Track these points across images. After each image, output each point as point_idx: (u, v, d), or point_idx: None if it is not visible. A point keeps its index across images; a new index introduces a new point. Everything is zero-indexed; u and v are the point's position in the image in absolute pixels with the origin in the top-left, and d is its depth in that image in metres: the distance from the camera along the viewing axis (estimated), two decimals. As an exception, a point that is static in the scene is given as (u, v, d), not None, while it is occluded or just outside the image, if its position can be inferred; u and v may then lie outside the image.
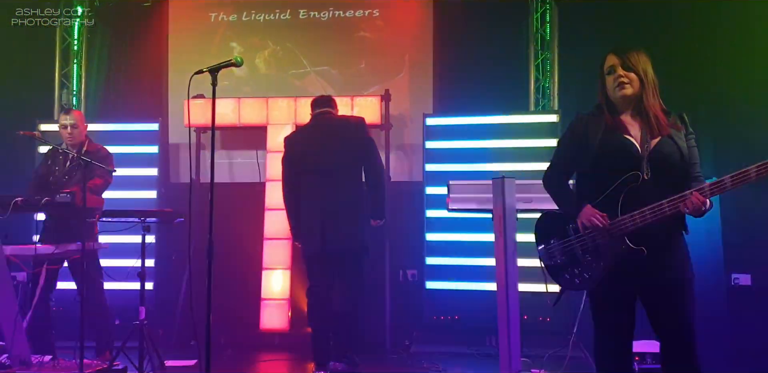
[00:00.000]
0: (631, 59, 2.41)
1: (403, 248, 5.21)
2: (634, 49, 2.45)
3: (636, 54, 2.43)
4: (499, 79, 5.49)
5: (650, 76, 2.44)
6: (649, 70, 2.43)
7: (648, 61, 2.44)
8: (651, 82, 2.43)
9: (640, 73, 2.41)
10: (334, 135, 4.04)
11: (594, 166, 2.45)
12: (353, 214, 3.96)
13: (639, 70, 2.42)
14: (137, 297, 3.95)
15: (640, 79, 2.41)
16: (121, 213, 4.09)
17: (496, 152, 5.04)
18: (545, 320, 4.76)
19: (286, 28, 5.80)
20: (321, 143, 4.02)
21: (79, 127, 4.39)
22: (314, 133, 4.10)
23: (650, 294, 2.41)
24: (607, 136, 2.43)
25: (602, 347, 2.49)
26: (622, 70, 2.42)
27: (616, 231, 2.36)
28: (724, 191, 2.24)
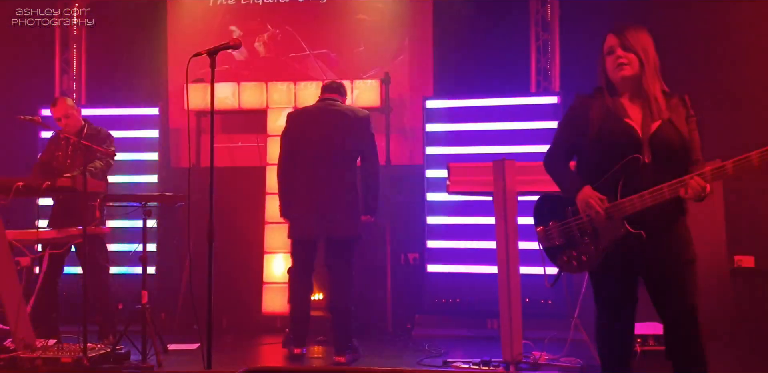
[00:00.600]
0: (630, 38, 2.37)
1: (404, 232, 5.21)
2: (633, 27, 2.40)
3: (635, 32, 2.39)
4: (499, 61, 5.45)
5: (651, 55, 2.39)
6: (649, 49, 2.39)
7: (648, 40, 2.40)
8: (651, 62, 2.39)
9: (639, 54, 2.37)
10: (340, 121, 4.02)
11: (594, 149, 2.43)
12: (349, 201, 3.96)
13: (638, 50, 2.37)
14: (139, 281, 3.97)
15: (639, 60, 2.37)
16: (122, 197, 4.11)
17: (497, 135, 5.01)
18: (546, 303, 4.77)
19: (285, 12, 5.74)
20: (325, 126, 4.00)
21: (71, 115, 4.39)
22: (320, 116, 4.07)
23: (652, 276, 2.40)
24: (608, 119, 2.40)
25: (603, 328, 2.49)
26: (621, 50, 2.38)
27: (615, 214, 2.35)
28: (725, 177, 2.21)
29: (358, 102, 5.26)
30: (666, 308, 2.38)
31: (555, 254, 2.57)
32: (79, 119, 4.45)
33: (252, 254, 5.20)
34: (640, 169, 2.33)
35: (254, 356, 4.41)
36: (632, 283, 2.44)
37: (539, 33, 5.47)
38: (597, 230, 2.40)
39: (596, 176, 2.42)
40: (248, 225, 5.27)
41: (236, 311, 5.07)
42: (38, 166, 4.49)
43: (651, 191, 2.29)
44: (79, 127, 4.42)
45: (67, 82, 5.97)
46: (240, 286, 5.13)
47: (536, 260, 4.50)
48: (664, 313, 2.39)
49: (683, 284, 2.35)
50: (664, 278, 2.37)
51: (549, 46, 5.43)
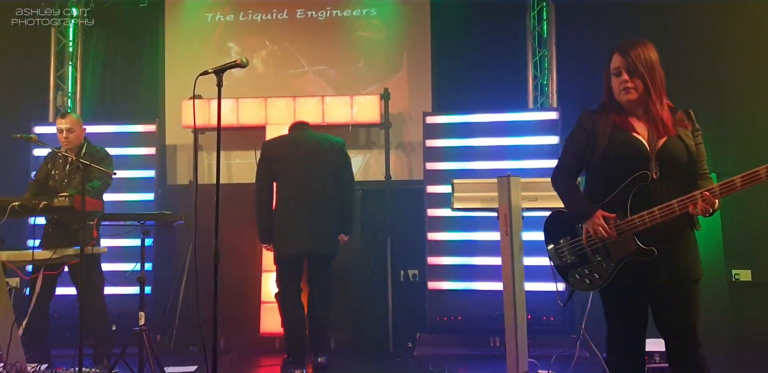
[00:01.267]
0: (636, 61, 2.34)
1: (404, 248, 5.18)
2: (639, 45, 2.37)
3: (642, 51, 2.35)
4: (497, 76, 5.48)
5: (657, 76, 2.37)
6: (656, 68, 2.36)
7: (654, 57, 2.37)
8: (658, 83, 2.37)
9: (645, 77, 2.35)
10: (318, 146, 4.23)
11: (602, 165, 2.42)
12: (331, 220, 4.15)
13: (645, 73, 2.34)
14: (134, 302, 3.88)
15: (645, 83, 2.35)
16: (119, 216, 4.03)
17: (496, 150, 5.03)
18: (549, 320, 4.73)
19: (284, 28, 5.75)
20: (304, 151, 4.20)
21: (75, 130, 4.33)
22: (297, 142, 4.26)
23: (658, 293, 2.39)
24: (615, 135, 2.40)
25: (615, 345, 2.48)
26: (627, 74, 2.36)
27: (626, 231, 2.34)
28: (733, 192, 2.21)
29: (357, 118, 5.26)
30: (667, 327, 2.39)
31: (567, 272, 2.54)
32: (81, 137, 4.39)
33: (250, 273, 5.14)
34: (648, 184, 2.32)
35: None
36: (643, 300, 2.43)
37: (536, 49, 5.51)
38: (608, 247, 2.40)
39: (604, 192, 2.41)
40: (246, 243, 5.20)
41: (234, 331, 4.98)
42: (33, 184, 4.39)
43: (661, 208, 2.28)
44: (79, 144, 4.36)
45: (62, 98, 5.91)
46: (238, 306, 5.05)
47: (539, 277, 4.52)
48: (665, 331, 2.40)
49: (687, 304, 2.36)
50: (669, 297, 2.37)
51: (546, 62, 5.46)
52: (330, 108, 5.27)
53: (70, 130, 4.31)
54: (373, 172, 5.55)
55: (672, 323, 2.36)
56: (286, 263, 4.15)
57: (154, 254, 5.16)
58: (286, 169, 4.17)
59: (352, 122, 5.28)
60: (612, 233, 2.34)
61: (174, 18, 5.86)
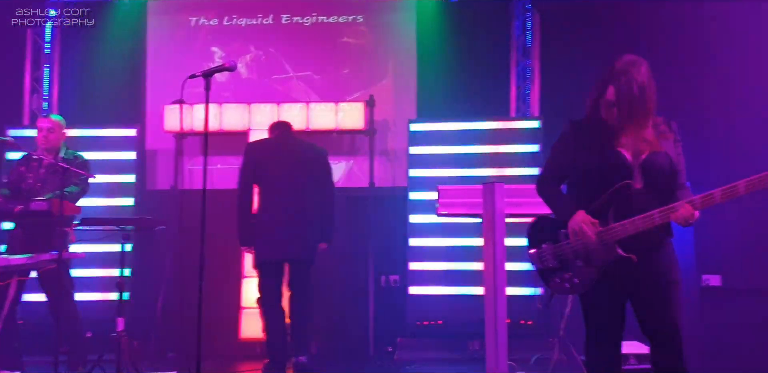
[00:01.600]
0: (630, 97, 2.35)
1: (386, 254, 5.21)
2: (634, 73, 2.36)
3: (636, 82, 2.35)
4: (481, 85, 5.54)
5: (649, 102, 2.38)
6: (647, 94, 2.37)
7: (647, 82, 2.38)
8: (649, 108, 2.38)
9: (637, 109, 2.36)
10: (303, 153, 4.24)
11: (586, 175, 2.47)
12: (312, 226, 4.16)
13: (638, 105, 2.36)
14: (109, 308, 3.84)
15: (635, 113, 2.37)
16: (99, 221, 3.98)
17: (480, 157, 5.08)
18: (527, 324, 4.79)
19: (269, 33, 5.75)
20: (289, 157, 4.20)
21: (56, 132, 4.26)
22: (281, 147, 4.26)
23: (639, 297, 2.45)
24: (600, 145, 2.44)
25: (594, 348, 2.52)
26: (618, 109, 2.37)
27: (607, 238, 2.39)
28: (713, 204, 2.27)
29: (342, 124, 5.28)
30: (652, 327, 2.44)
31: (548, 276, 2.58)
32: (61, 139, 4.31)
33: (230, 279, 5.10)
34: (631, 195, 2.37)
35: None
36: (622, 305, 2.49)
37: (519, 58, 5.58)
38: (589, 253, 2.44)
39: (587, 201, 2.45)
40: (227, 248, 5.16)
41: (214, 337, 4.93)
42: (5, 187, 4.30)
43: (643, 217, 2.34)
44: (57, 147, 4.28)
45: (38, 101, 5.81)
46: (218, 311, 5.00)
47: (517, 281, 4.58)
48: (650, 331, 2.45)
49: (669, 304, 2.41)
50: (651, 299, 2.43)
51: (529, 72, 5.54)
52: (315, 114, 5.28)
53: (50, 131, 4.24)
54: (357, 179, 5.57)
55: (656, 324, 2.42)
56: (266, 268, 4.14)
57: (133, 259, 5.09)
58: (269, 173, 4.16)
59: (337, 129, 5.29)
60: (596, 229, 2.38)
61: (157, 21, 5.82)
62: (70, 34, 5.81)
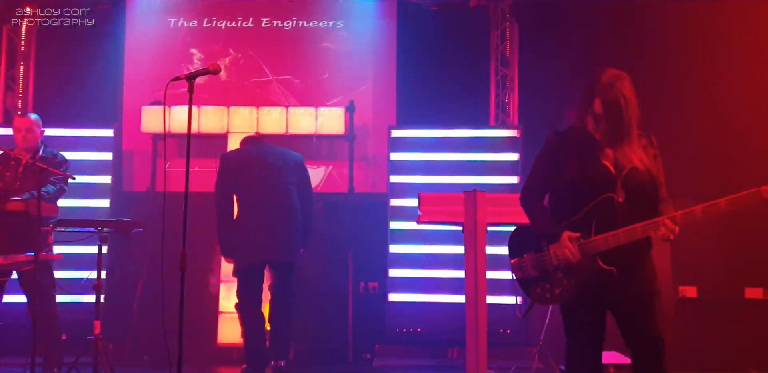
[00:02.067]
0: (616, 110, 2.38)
1: (365, 260, 5.20)
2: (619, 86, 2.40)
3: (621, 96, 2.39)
4: (460, 93, 5.58)
5: (632, 115, 2.41)
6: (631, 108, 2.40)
7: (631, 96, 2.41)
8: (632, 122, 2.42)
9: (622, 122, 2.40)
10: (280, 160, 4.24)
11: (569, 187, 2.49)
12: (294, 230, 4.15)
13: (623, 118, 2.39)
14: (85, 310, 3.78)
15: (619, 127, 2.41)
16: (77, 223, 3.92)
17: (459, 165, 5.11)
18: (506, 333, 4.82)
19: (249, 36, 5.72)
20: (264, 164, 4.19)
21: (34, 131, 4.21)
22: (257, 155, 4.25)
23: (621, 308, 2.47)
24: (583, 159, 2.46)
25: (574, 358, 2.54)
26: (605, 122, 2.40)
27: (589, 251, 2.42)
28: (694, 221, 2.31)
29: (322, 129, 5.27)
30: (635, 338, 2.46)
31: (528, 285, 2.60)
32: (39, 138, 4.26)
33: (208, 283, 5.06)
34: (613, 208, 2.40)
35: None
36: (602, 315, 2.51)
37: (498, 68, 5.64)
38: (570, 264, 2.45)
39: (570, 213, 2.48)
40: (204, 253, 5.12)
41: (191, 341, 4.84)
42: None
43: (624, 230, 2.37)
44: (35, 146, 4.22)
45: (12, 99, 5.71)
46: (195, 316, 4.93)
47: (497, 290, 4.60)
48: (633, 342, 2.47)
49: (650, 315, 2.44)
50: (633, 310, 2.45)
51: (508, 81, 5.60)
52: (294, 118, 5.27)
53: (28, 131, 4.19)
54: (336, 184, 5.57)
55: (638, 335, 2.44)
56: (246, 274, 4.12)
57: (109, 262, 5.00)
58: (247, 181, 4.15)
59: (317, 133, 5.28)
60: (577, 255, 2.41)
61: (135, 21, 5.76)
62: (46, 32, 5.71)
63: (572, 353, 2.54)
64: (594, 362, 2.52)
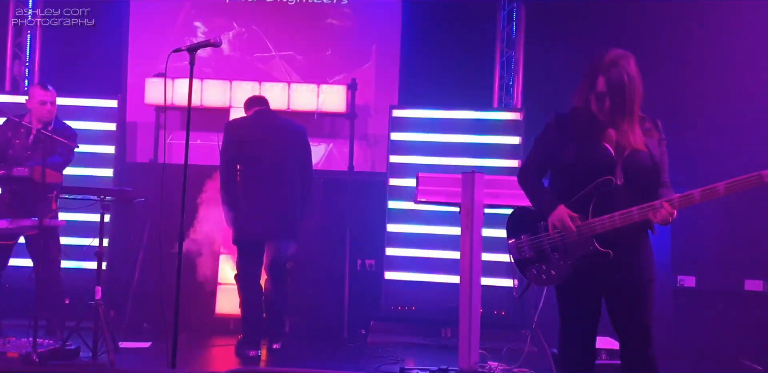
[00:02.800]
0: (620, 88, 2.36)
1: (363, 238, 5.23)
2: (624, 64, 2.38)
3: (626, 73, 2.38)
4: (464, 74, 5.55)
5: (636, 95, 2.40)
6: (636, 88, 2.39)
7: (635, 74, 2.40)
8: (636, 102, 2.41)
9: (625, 101, 2.39)
10: (282, 131, 4.24)
11: (568, 170, 2.49)
12: (294, 205, 4.19)
13: (626, 97, 2.38)
14: (89, 277, 3.85)
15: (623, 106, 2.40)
16: (80, 190, 3.98)
17: (460, 147, 5.10)
18: (500, 314, 4.87)
19: (253, 10, 5.69)
20: (269, 135, 4.20)
21: (55, 104, 4.30)
22: (261, 125, 4.25)
23: (612, 293, 2.49)
24: (584, 141, 2.46)
25: (568, 341, 2.56)
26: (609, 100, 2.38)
27: (586, 232, 2.42)
28: (691, 204, 2.30)
29: (323, 106, 5.27)
30: (623, 324, 2.48)
31: (525, 266, 2.62)
32: (55, 111, 4.32)
33: (208, 254, 5.11)
34: (612, 190, 2.40)
35: (210, 357, 4.37)
36: (597, 299, 2.52)
37: (504, 49, 5.60)
38: (567, 246, 2.48)
39: (568, 194, 2.48)
40: (204, 224, 5.16)
41: (189, 311, 4.92)
42: None
43: (621, 213, 2.37)
44: (52, 119, 4.28)
45: (19, 67, 5.73)
46: (194, 286, 5.02)
47: (492, 272, 4.64)
48: (621, 328, 2.49)
49: (642, 302, 2.46)
50: (625, 296, 2.47)
51: (513, 63, 5.57)
52: (296, 95, 5.27)
53: (53, 103, 4.28)
54: (336, 162, 5.59)
55: (628, 320, 2.45)
56: (246, 245, 4.16)
57: (111, 230, 5.08)
58: (251, 152, 4.16)
59: (318, 111, 5.28)
60: (577, 222, 2.42)
61: (141, -7, 5.74)
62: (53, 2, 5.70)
63: (565, 336, 2.56)
64: (586, 345, 2.53)
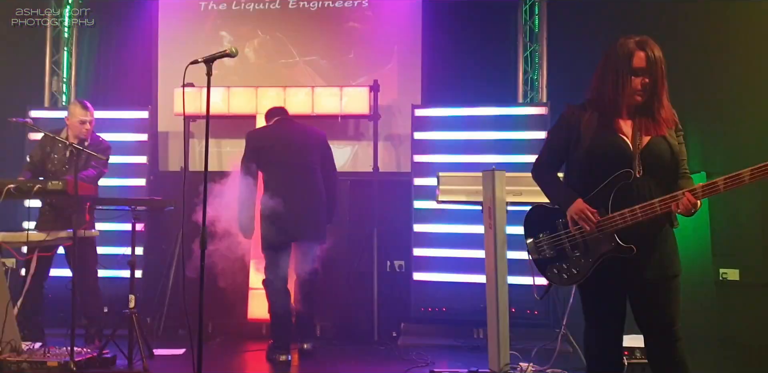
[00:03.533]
0: (658, 63, 2.33)
1: (390, 239, 5.24)
2: (654, 44, 2.35)
3: (658, 52, 2.34)
4: (487, 71, 5.52)
5: (665, 78, 2.36)
6: (665, 70, 2.35)
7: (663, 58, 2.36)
8: (665, 85, 2.36)
9: (659, 80, 2.34)
10: (304, 138, 4.33)
11: (585, 163, 2.42)
12: (320, 208, 4.27)
13: (660, 75, 2.34)
14: (126, 285, 3.97)
15: (656, 86, 2.35)
16: (111, 201, 4.11)
17: (485, 144, 5.06)
18: (533, 313, 4.79)
19: (276, 18, 5.77)
20: (289, 142, 4.28)
21: (93, 122, 4.46)
22: (281, 133, 4.34)
23: (635, 290, 2.42)
24: (600, 133, 2.39)
25: (592, 339, 2.51)
26: (649, 76, 2.34)
27: (607, 228, 2.36)
28: (716, 193, 2.21)
29: (346, 109, 5.30)
30: (647, 323, 2.42)
31: (545, 266, 2.56)
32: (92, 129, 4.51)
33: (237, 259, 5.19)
34: (631, 183, 2.34)
35: (242, 363, 4.41)
36: (621, 296, 2.45)
37: (527, 44, 5.55)
38: (588, 243, 2.41)
39: (585, 188, 2.42)
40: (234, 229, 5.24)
41: (222, 316, 5.05)
42: (28, 166, 4.49)
43: (642, 206, 2.30)
44: (89, 135, 4.45)
45: (57, 84, 5.96)
46: (226, 291, 5.10)
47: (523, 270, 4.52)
48: (645, 327, 2.43)
49: (667, 300, 2.38)
50: (649, 293, 2.39)
51: (537, 57, 5.50)
52: (320, 99, 5.31)
53: (91, 122, 4.45)
54: (361, 164, 5.61)
55: (652, 318, 2.39)
56: (272, 251, 4.22)
57: (146, 239, 5.22)
58: (273, 160, 4.24)
59: (342, 113, 5.31)
60: (597, 217, 2.36)
61: (167, 6, 5.87)
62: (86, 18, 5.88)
63: (590, 335, 2.51)
64: (613, 343, 2.48)
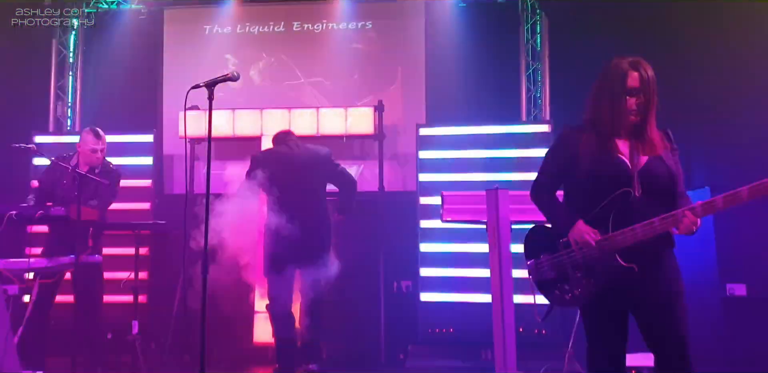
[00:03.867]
0: (651, 83, 2.34)
1: (397, 259, 5.21)
2: (647, 64, 2.36)
3: (651, 72, 2.35)
4: (490, 89, 5.54)
5: (657, 97, 2.37)
6: (656, 90, 2.36)
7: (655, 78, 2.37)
8: (656, 104, 2.37)
9: (652, 100, 2.35)
10: (308, 160, 4.32)
11: (585, 182, 2.42)
12: (322, 231, 4.24)
13: (652, 95, 2.35)
14: (130, 310, 3.92)
15: (649, 106, 2.36)
16: (114, 226, 4.09)
17: (489, 162, 5.06)
18: (541, 333, 4.73)
19: (281, 41, 5.84)
20: (296, 168, 4.26)
21: (104, 150, 4.40)
22: (288, 157, 4.32)
23: (642, 309, 2.39)
24: (599, 153, 2.39)
25: (595, 360, 2.48)
26: (643, 95, 2.34)
27: (607, 248, 2.34)
28: (715, 212, 2.21)
29: (352, 129, 5.32)
30: (656, 341, 2.37)
31: (547, 287, 2.54)
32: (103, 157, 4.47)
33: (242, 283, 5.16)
34: (630, 202, 2.33)
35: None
36: (623, 316, 2.43)
37: (529, 62, 5.57)
38: (589, 263, 2.39)
39: (585, 209, 2.41)
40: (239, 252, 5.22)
41: (227, 341, 5.00)
42: (39, 192, 4.42)
43: (642, 225, 2.29)
44: (100, 163, 4.42)
45: (62, 108, 6.00)
46: (231, 315, 5.07)
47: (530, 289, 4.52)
48: (655, 346, 2.38)
49: (674, 318, 2.35)
50: (654, 311, 2.36)
51: (539, 75, 5.53)
52: (325, 119, 5.33)
53: (103, 151, 4.39)
54: (367, 183, 5.59)
55: (662, 338, 2.35)
56: (276, 274, 4.19)
57: (151, 263, 5.20)
58: (277, 185, 4.21)
59: (347, 134, 5.33)
60: (598, 236, 2.35)
61: (172, 29, 5.95)
62: (91, 43, 5.96)
63: (593, 355, 2.47)
64: (616, 364, 2.44)
